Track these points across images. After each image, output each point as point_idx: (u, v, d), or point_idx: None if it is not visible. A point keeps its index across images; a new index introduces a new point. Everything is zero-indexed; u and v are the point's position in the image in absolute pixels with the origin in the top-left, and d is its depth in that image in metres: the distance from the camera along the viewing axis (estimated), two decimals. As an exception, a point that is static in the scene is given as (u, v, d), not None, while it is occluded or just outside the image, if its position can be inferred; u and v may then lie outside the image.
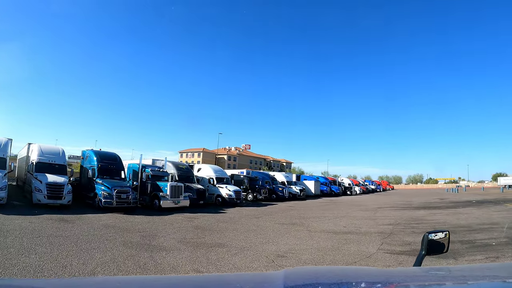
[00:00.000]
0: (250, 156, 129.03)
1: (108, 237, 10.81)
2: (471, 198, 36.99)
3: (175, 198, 21.42)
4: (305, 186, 44.85)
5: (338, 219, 18.12)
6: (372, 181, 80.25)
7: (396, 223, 16.45)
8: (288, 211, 22.90)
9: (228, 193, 28.18)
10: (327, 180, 50.74)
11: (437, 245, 2.28)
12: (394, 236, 12.62)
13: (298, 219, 18.27)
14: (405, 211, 22.66)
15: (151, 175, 22.98)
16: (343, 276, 1.68)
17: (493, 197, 37.02)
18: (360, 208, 25.29)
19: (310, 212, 22.25)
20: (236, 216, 19.02)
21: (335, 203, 31.56)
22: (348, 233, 13.44)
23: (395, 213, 21.44)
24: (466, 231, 13.63)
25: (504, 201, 29.61)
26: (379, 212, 21.88)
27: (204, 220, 16.35)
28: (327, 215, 20.19)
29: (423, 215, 19.91)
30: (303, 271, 1.88)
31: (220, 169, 32.94)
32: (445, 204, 27.54)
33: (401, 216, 19.29)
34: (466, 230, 13.74)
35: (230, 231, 13.34)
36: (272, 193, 37.20)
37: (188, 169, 28.84)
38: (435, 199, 36.93)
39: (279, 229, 14.27)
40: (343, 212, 22.42)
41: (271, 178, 39.68)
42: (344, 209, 24.95)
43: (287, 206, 28.09)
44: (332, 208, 25.97)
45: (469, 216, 18.73)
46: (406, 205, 27.72)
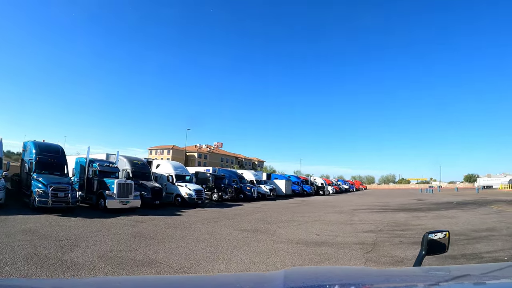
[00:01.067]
0: (222, 154, 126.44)
1: (16, 246, 8.76)
2: (450, 199, 35.27)
3: (123, 197, 18.81)
4: (276, 185, 42.20)
5: (310, 225, 15.36)
6: (345, 181, 78.87)
7: (377, 229, 13.83)
8: (253, 214, 20.09)
9: (188, 193, 25.27)
10: (299, 180, 48.30)
11: (437, 245, 2.23)
12: (379, 249, 9.93)
13: (263, 224, 15.46)
14: (384, 214, 20.22)
15: (98, 170, 20.25)
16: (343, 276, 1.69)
17: (472, 198, 35.47)
18: (334, 210, 22.73)
19: (279, 215, 19.46)
20: (191, 220, 16.27)
21: (307, 204, 28.94)
22: (322, 244, 10.67)
23: (374, 216, 18.92)
24: (464, 240, 11.18)
25: (486, 203, 27.89)
26: (356, 215, 19.32)
27: (151, 225, 13.87)
28: (298, 219, 17.44)
29: (405, 219, 17.44)
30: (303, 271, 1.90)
31: (180, 165, 29.72)
32: (425, 206, 25.41)
33: (382, 221, 16.74)
34: (463, 239, 11.29)
35: (176, 240, 10.80)
36: (239, 192, 34.43)
37: (144, 165, 25.69)
38: (412, 200, 35.02)
39: (236, 239, 11.40)
40: (315, 215, 19.74)
41: (239, 176, 36.75)
42: (317, 211, 22.30)
43: (254, 207, 25.35)
44: (304, 210, 23.29)
45: (458, 221, 16.39)
46: (383, 207, 25.41)
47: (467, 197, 37.43)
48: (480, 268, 2.20)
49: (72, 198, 16.72)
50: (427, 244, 2.18)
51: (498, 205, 25.11)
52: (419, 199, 36.24)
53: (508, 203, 26.56)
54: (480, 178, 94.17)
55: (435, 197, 39.65)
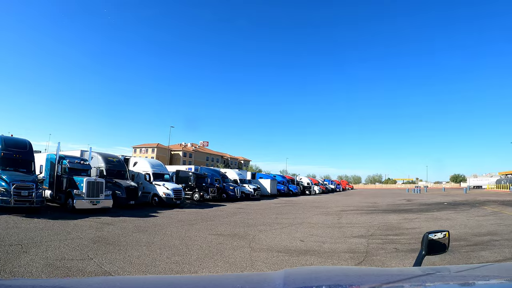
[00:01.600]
0: (207, 153, 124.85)
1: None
2: (440, 199, 34.21)
3: (93, 197, 17.51)
4: (261, 185, 40.81)
5: (294, 228, 13.91)
6: (332, 181, 77.90)
7: (368, 234, 12.46)
8: (235, 215, 18.65)
9: (165, 192, 23.83)
10: (285, 179, 46.94)
11: (437, 245, 2.22)
12: (373, 259, 8.53)
13: (243, 227, 13.99)
14: (374, 215, 18.91)
15: (68, 168, 18.80)
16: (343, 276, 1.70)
17: (462, 198, 34.56)
18: (321, 211, 21.36)
19: (261, 217, 18.01)
20: (165, 222, 14.86)
21: (292, 205, 27.54)
22: (306, 252, 9.23)
23: (363, 218, 17.58)
24: (465, 246, 9.88)
25: (477, 203, 26.91)
26: (344, 217, 17.97)
27: (118, 228, 12.58)
28: (282, 221, 16.00)
29: (397, 221, 16.13)
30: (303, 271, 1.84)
31: (159, 163, 28.05)
32: (416, 207, 24.24)
33: (372, 223, 15.42)
34: (465, 246, 10.00)
35: (140, 246, 9.47)
36: (222, 192, 33.06)
37: (120, 162, 24.11)
38: (401, 200, 33.93)
39: (210, 246, 9.94)
40: (301, 216, 18.33)
41: (222, 175, 35.26)
42: (302, 212, 20.90)
43: (237, 207, 23.95)
44: (289, 211, 21.89)
45: (454, 223, 15.15)
46: (372, 208, 24.16)
47: (456, 198, 36.53)
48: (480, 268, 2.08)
49: (36, 198, 15.33)
50: (427, 244, 2.16)
51: (490, 206, 24.11)
52: (408, 199, 35.18)
53: (501, 204, 25.59)
54: (470, 179, 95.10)
55: (424, 198, 38.67)
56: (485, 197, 37.45)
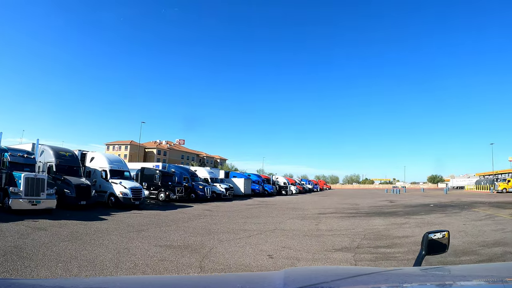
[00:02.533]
0: (182, 151, 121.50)
1: None
2: (423, 200, 32.30)
3: (32, 196, 14.98)
4: (234, 184, 38.23)
5: (264, 237, 11.37)
6: (309, 181, 76.00)
7: (354, 245, 10.05)
8: (197, 219, 16.11)
9: (122, 191, 21.12)
10: (260, 178, 44.44)
11: (437, 245, 2.20)
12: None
13: (202, 235, 11.46)
14: (357, 220, 16.61)
15: (9, 161, 16.35)
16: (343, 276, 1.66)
17: (447, 200, 32.77)
18: (297, 214, 18.93)
19: (228, 221, 15.48)
20: (111, 228, 12.39)
21: (266, 206, 25.06)
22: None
23: (345, 223, 15.23)
24: (479, 262, 7.59)
25: (465, 205, 25.09)
26: (323, 222, 15.56)
27: (49, 235, 10.33)
28: (250, 227, 13.48)
29: (385, 227, 13.84)
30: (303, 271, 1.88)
31: (118, 159, 25.06)
32: (401, 209, 22.12)
33: (356, 230, 13.05)
34: (478, 261, 7.77)
35: (57, 262, 7.24)
36: (191, 192, 30.30)
37: (73, 157, 21.43)
38: (383, 201, 31.86)
39: (148, 263, 7.61)
40: (274, 221, 15.84)
41: (191, 174, 32.51)
42: (276, 215, 18.42)
43: (204, 209, 21.43)
44: (261, 213, 19.40)
45: (451, 230, 12.77)
46: (353, 210, 21.92)
47: (440, 199, 34.85)
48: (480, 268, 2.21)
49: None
50: (427, 244, 2.14)
51: (480, 208, 22.31)
52: (390, 200, 33.19)
53: (490, 206, 23.91)
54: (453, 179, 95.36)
55: (405, 198, 36.82)
56: (469, 198, 35.97)
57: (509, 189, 49.25)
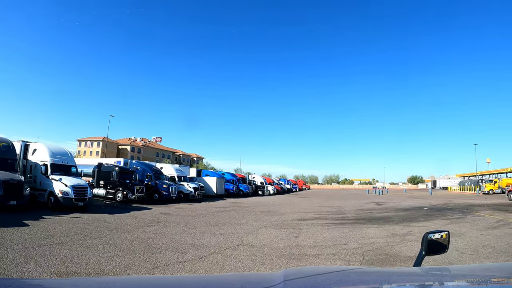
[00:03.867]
0: (158, 149, 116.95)
1: None
2: (413, 203, 29.07)
3: None
4: (205, 183, 34.55)
5: (221, 259, 7.79)
6: (288, 180, 72.78)
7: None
8: (144, 227, 12.66)
9: (62, 190, 17.59)
10: (235, 177, 40.78)
11: (437, 245, 2.19)
12: None
13: (131, 254, 8.00)
14: (346, 228, 13.24)
15: None
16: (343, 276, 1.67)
17: (438, 202, 29.85)
18: (272, 221, 15.46)
19: (182, 231, 11.93)
20: (22, 237, 9.40)
21: (237, 209, 21.51)
22: None
23: (332, 234, 11.79)
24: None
25: (464, 208, 22.19)
26: (305, 232, 12.09)
27: None
28: (206, 242, 9.92)
29: (385, 240, 10.51)
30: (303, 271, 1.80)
31: (63, 152, 20.97)
32: (393, 214, 18.91)
33: (349, 246, 9.66)
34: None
35: None
36: (154, 191, 26.53)
37: (8, 148, 17.93)
38: (369, 203, 28.65)
39: None
40: (241, 230, 12.32)
41: (156, 171, 28.68)
42: (246, 222, 14.91)
43: (162, 213, 17.92)
44: (229, 219, 15.88)
45: (469, 243, 9.79)
46: (338, 215, 18.61)
47: (430, 200, 32.04)
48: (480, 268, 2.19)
49: None
50: (427, 244, 2.14)
51: (483, 211, 19.52)
52: (376, 202, 29.93)
53: (492, 209, 21.20)
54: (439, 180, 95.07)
55: (392, 200, 33.82)
56: (460, 200, 33.22)
57: (496, 190, 47.54)
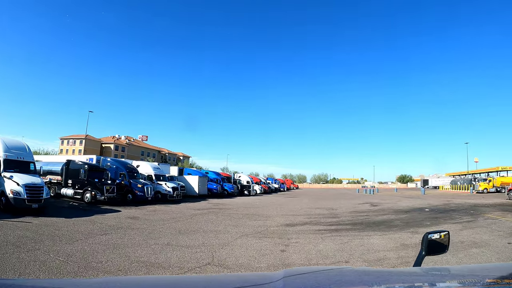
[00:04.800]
0: (142, 147, 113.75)
1: None
2: (410, 203, 26.66)
3: None
4: (187, 182, 32.03)
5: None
6: (276, 180, 70.66)
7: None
8: (100, 235, 10.44)
9: (14, 189, 15.47)
10: (219, 176, 38.29)
11: (437, 245, 2.19)
12: None
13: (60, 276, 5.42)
14: (344, 237, 10.88)
15: None
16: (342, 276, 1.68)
17: (439, 202, 27.48)
18: (255, 227, 13.11)
19: (141, 243, 9.53)
20: None
21: (218, 212, 19.10)
22: None
23: (328, 246, 9.41)
24: None
25: (469, 209, 20.15)
26: (294, 244, 9.75)
27: None
28: (162, 260, 7.49)
29: (397, 255, 8.16)
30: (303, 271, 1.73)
31: (20, 146, 18.30)
32: (393, 217, 16.64)
33: (351, 262, 7.37)
34: None
35: None
36: (128, 192, 24.02)
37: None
38: (363, 204, 26.44)
39: None
40: (215, 241, 9.93)
41: (130, 169, 26.10)
42: (224, 229, 12.52)
43: (129, 217, 15.55)
44: (204, 225, 13.50)
45: (498, 253, 7.64)
46: (332, 219, 16.30)
47: (428, 201, 29.97)
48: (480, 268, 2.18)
49: None
50: (427, 244, 2.14)
51: (493, 213, 17.48)
52: (370, 203, 27.57)
53: (500, 210, 19.22)
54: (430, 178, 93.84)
55: (386, 200, 31.61)
56: (457, 199, 31.31)
57: (490, 189, 46.18)
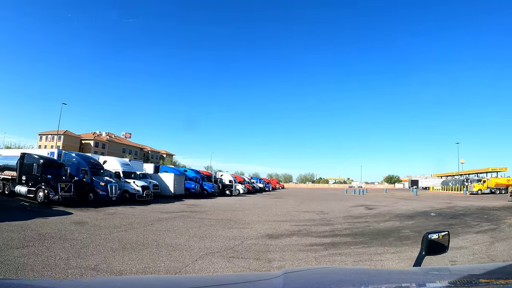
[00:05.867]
0: (124, 144, 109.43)
1: None
2: (410, 206, 23.80)
3: None
4: (161, 181, 28.83)
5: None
6: (260, 179, 67.81)
7: None
8: (15, 249, 7.40)
9: None
10: (199, 175, 35.10)
11: (437, 245, 2.18)
12: None
13: None
14: (346, 257, 7.91)
15: None
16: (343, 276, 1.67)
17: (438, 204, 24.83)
18: (228, 239, 10.15)
19: (54, 264, 6.53)
20: None
21: (188, 216, 15.97)
22: None
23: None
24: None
25: (481, 213, 17.59)
26: (276, 265, 6.90)
27: None
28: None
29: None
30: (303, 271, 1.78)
31: None
32: (399, 224, 13.64)
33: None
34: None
35: None
36: (89, 190, 20.91)
37: None
38: (356, 207, 23.42)
39: None
40: (166, 264, 6.91)
41: (93, 165, 22.84)
42: (186, 242, 9.49)
43: (74, 222, 12.65)
44: (161, 236, 10.47)
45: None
46: (326, 227, 13.21)
47: (427, 202, 27.16)
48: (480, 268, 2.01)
49: None
50: (427, 244, 2.12)
51: (508, 218, 14.86)
52: (365, 206, 24.39)
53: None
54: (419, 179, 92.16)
55: (381, 202, 28.39)
56: (456, 201, 28.80)
57: (485, 190, 44.27)
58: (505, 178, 49.17)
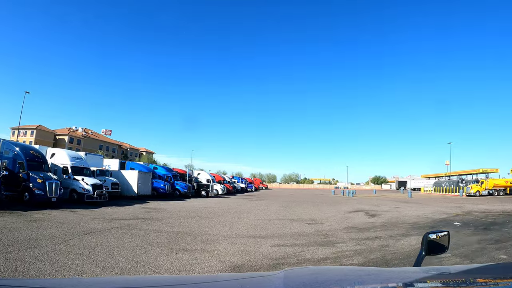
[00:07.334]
0: (101, 141, 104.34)
1: None
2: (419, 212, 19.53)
3: None
4: (124, 179, 24.53)
5: None
6: (243, 179, 64.02)
7: None
8: None
9: None
10: (170, 173, 31.09)
11: (437, 245, 2.14)
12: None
13: None
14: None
15: None
16: (342, 276, 1.65)
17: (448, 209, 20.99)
18: (170, 266, 6.33)
19: None
20: None
21: (134, 228, 11.76)
22: None
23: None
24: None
25: (508, 221, 14.08)
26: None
27: None
28: None
29: None
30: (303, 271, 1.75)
31: None
32: (416, 236, 10.11)
33: None
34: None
35: None
36: (25, 188, 16.75)
37: None
38: (355, 213, 19.14)
39: None
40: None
41: (33, 158, 18.41)
42: (93, 276, 5.64)
43: None
44: (74, 259, 6.53)
45: None
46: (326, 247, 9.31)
47: (434, 207, 22.93)
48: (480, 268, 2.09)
49: None
50: (427, 244, 2.10)
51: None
52: (364, 211, 19.92)
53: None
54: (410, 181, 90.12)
55: (381, 207, 23.80)
56: (463, 203, 25.47)
57: (483, 192, 41.40)
58: (503, 179, 46.52)
